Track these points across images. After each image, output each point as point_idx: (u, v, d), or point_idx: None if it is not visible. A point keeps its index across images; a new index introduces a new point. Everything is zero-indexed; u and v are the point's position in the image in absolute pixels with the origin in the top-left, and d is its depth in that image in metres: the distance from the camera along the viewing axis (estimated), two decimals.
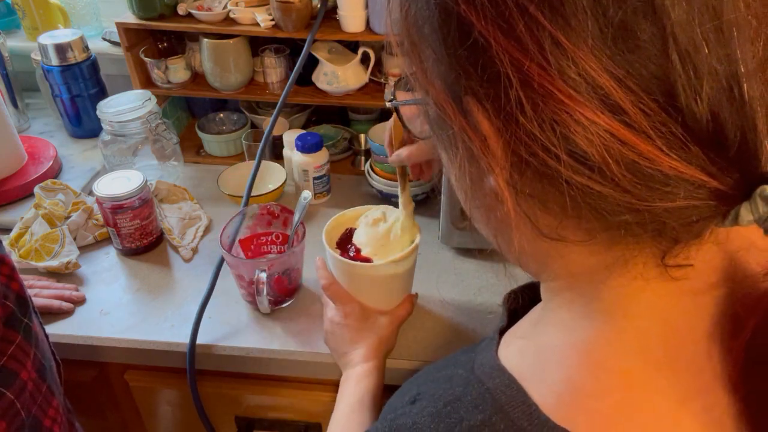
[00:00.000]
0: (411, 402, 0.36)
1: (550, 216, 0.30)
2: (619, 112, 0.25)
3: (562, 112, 0.26)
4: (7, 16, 1.26)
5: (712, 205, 0.27)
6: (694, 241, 0.29)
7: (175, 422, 0.88)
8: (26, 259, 0.83)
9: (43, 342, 0.60)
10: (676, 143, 0.25)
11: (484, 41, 0.27)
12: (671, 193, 0.26)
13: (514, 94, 0.26)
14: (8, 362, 0.52)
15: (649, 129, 0.25)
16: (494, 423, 0.30)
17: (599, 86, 0.25)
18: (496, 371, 0.33)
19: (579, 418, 0.29)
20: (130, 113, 0.95)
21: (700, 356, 0.30)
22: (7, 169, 0.98)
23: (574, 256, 0.32)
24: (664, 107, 0.25)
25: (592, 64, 0.25)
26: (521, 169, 0.29)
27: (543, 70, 0.25)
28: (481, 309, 0.78)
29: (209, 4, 0.98)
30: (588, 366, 0.31)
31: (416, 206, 0.72)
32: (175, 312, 0.78)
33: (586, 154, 0.26)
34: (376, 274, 0.68)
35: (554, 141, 0.26)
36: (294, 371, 0.77)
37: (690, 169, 0.26)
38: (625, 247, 0.30)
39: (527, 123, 0.27)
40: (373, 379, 0.63)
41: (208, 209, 0.97)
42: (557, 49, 0.25)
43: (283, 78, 1.03)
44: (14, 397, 0.52)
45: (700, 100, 0.25)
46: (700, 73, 0.25)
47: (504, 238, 0.35)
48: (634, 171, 0.26)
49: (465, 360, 0.38)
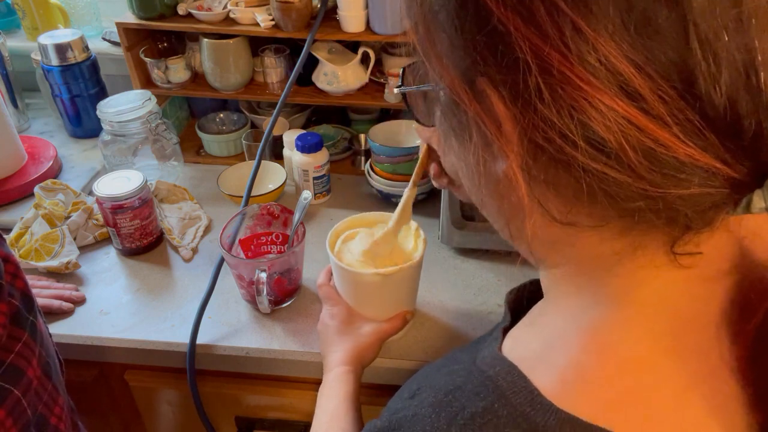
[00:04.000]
0: (410, 397, 0.36)
1: (563, 202, 0.31)
2: (638, 99, 0.25)
3: (580, 98, 0.26)
4: (7, 16, 1.26)
5: (725, 192, 0.27)
6: (705, 229, 0.29)
7: (175, 422, 0.89)
8: (26, 259, 0.83)
9: (48, 340, 0.60)
10: (693, 131, 0.26)
11: (503, 28, 0.27)
12: (686, 181, 0.27)
13: (533, 80, 0.26)
14: (15, 359, 0.52)
15: (666, 116, 0.25)
16: (496, 409, 0.30)
17: (619, 72, 0.25)
18: (497, 360, 0.33)
19: (583, 402, 0.29)
20: (130, 113, 0.95)
21: (708, 342, 0.31)
22: (7, 169, 0.98)
23: (585, 243, 0.32)
24: (682, 94, 0.25)
25: (612, 50, 0.25)
26: (536, 154, 0.29)
27: (563, 56, 0.26)
28: (481, 309, 0.78)
29: (209, 4, 0.98)
30: (594, 350, 0.31)
31: (416, 206, 0.71)
32: (175, 312, 0.78)
33: (604, 141, 0.26)
34: (360, 280, 0.66)
35: (572, 127, 0.26)
36: (294, 371, 0.77)
37: (705, 157, 0.26)
38: (636, 234, 0.30)
39: (545, 109, 0.27)
40: (344, 385, 0.61)
41: (208, 209, 0.97)
42: (578, 35, 0.25)
43: (283, 78, 1.03)
44: (21, 395, 0.52)
45: (718, 88, 0.25)
46: (720, 60, 0.25)
47: (516, 225, 0.35)
48: (650, 158, 0.26)
49: (466, 357, 0.38)
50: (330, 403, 0.60)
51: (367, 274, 0.65)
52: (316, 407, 0.61)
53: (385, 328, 0.68)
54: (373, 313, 0.69)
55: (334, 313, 0.69)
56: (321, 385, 0.63)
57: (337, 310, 0.69)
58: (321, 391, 0.62)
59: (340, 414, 0.58)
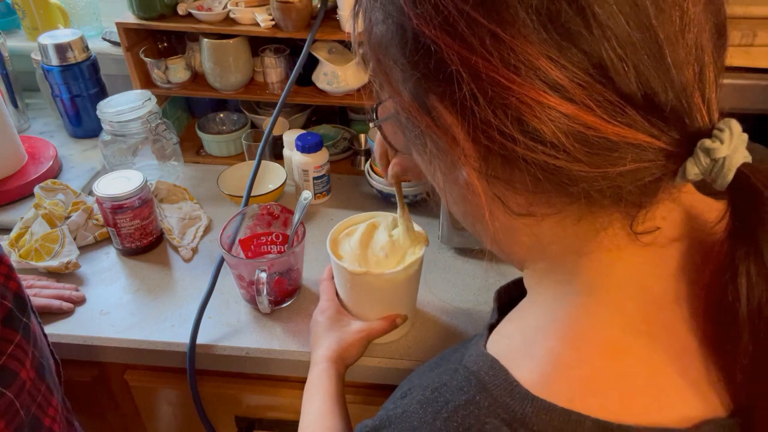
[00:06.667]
0: (402, 397, 0.37)
1: (519, 195, 0.33)
2: (559, 89, 0.28)
3: (510, 96, 0.28)
4: (7, 16, 1.26)
5: (660, 164, 0.29)
6: (652, 202, 0.31)
7: (175, 422, 0.89)
8: (26, 259, 0.83)
9: (42, 341, 0.60)
10: (615, 110, 0.28)
11: (435, 46, 0.30)
12: (620, 158, 0.29)
13: (467, 87, 0.29)
14: (8, 361, 0.52)
15: (588, 100, 0.28)
16: (478, 401, 0.31)
17: (538, 68, 0.28)
18: (480, 357, 0.34)
19: (560, 387, 0.30)
20: (130, 113, 0.95)
21: (675, 316, 0.32)
22: (7, 169, 0.98)
23: (547, 233, 0.34)
24: (597, 79, 0.28)
25: (528, 49, 0.28)
26: (485, 155, 0.31)
27: (487, 61, 0.28)
28: (481, 309, 0.78)
29: (209, 4, 0.98)
30: (569, 338, 0.32)
31: (416, 206, 0.71)
32: (175, 312, 0.78)
33: (538, 132, 0.29)
34: (359, 280, 0.66)
35: (508, 124, 0.29)
36: (294, 371, 0.77)
37: (632, 133, 0.28)
38: (592, 218, 0.32)
39: (482, 111, 0.29)
40: (327, 382, 0.61)
41: (208, 209, 0.97)
42: (496, 41, 0.28)
43: (283, 78, 1.03)
44: (14, 397, 0.52)
45: (627, 67, 0.27)
46: (623, 42, 0.27)
47: (482, 224, 0.37)
48: (582, 141, 0.28)
49: (455, 357, 0.39)
50: (315, 400, 0.60)
51: (367, 274, 0.65)
52: (302, 404, 0.61)
53: (372, 328, 0.68)
54: (368, 313, 0.70)
55: (323, 308, 0.70)
56: (306, 381, 0.64)
57: (327, 305, 0.70)
58: (306, 387, 0.63)
59: (326, 411, 0.59)
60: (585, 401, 0.29)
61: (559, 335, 0.32)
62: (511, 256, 0.39)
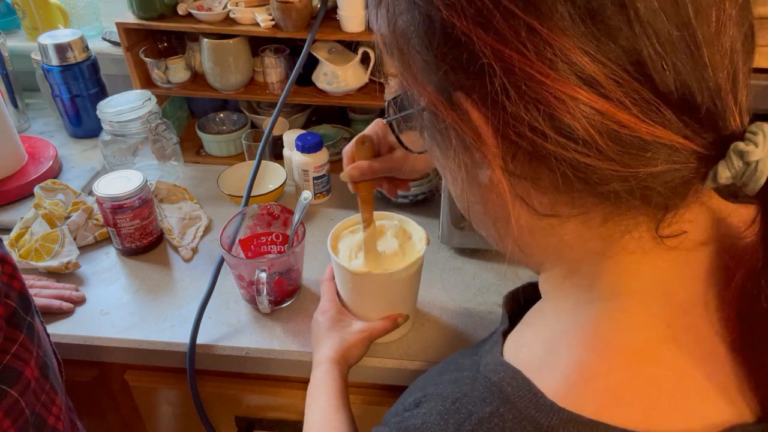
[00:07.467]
0: (416, 405, 0.36)
1: (544, 195, 0.32)
2: (595, 85, 0.27)
3: (543, 91, 0.28)
4: (7, 16, 1.26)
5: (691, 166, 0.29)
6: (681, 205, 0.31)
7: (175, 422, 0.89)
8: (26, 259, 0.83)
9: (45, 340, 0.60)
10: (651, 109, 0.27)
11: (467, 38, 0.29)
12: (653, 158, 0.28)
13: (499, 81, 0.28)
14: (12, 361, 0.52)
15: (623, 98, 0.27)
16: (502, 413, 0.30)
17: (574, 63, 0.27)
18: (500, 366, 0.34)
19: (587, 398, 0.29)
20: (130, 113, 0.95)
21: (702, 320, 0.31)
22: (7, 169, 0.98)
23: (570, 234, 0.33)
24: (635, 76, 0.27)
25: (566, 43, 0.27)
26: (512, 152, 0.31)
27: (522, 55, 0.28)
28: (481, 309, 0.78)
29: (209, 4, 0.98)
30: (594, 346, 0.31)
31: (416, 206, 0.71)
32: (175, 312, 0.78)
33: (571, 129, 0.28)
34: (359, 280, 0.66)
35: (540, 120, 0.28)
36: (294, 371, 0.77)
37: (666, 134, 0.28)
38: (618, 219, 0.32)
39: (513, 106, 0.28)
40: (331, 383, 0.61)
41: (208, 209, 0.97)
42: (533, 34, 0.27)
43: (283, 78, 1.03)
44: (18, 396, 0.52)
45: (665, 65, 0.27)
46: (662, 40, 0.27)
47: (502, 224, 0.36)
48: (615, 140, 0.28)
49: (469, 363, 0.38)
50: (319, 401, 0.60)
51: (368, 274, 0.65)
52: (306, 405, 0.61)
53: (374, 328, 0.68)
54: (369, 312, 0.70)
55: (324, 309, 0.70)
56: (309, 382, 0.63)
57: (328, 306, 0.70)
58: (309, 388, 0.63)
59: (331, 412, 0.58)
60: (612, 411, 0.29)
61: (583, 343, 0.32)
62: (529, 258, 0.38)
